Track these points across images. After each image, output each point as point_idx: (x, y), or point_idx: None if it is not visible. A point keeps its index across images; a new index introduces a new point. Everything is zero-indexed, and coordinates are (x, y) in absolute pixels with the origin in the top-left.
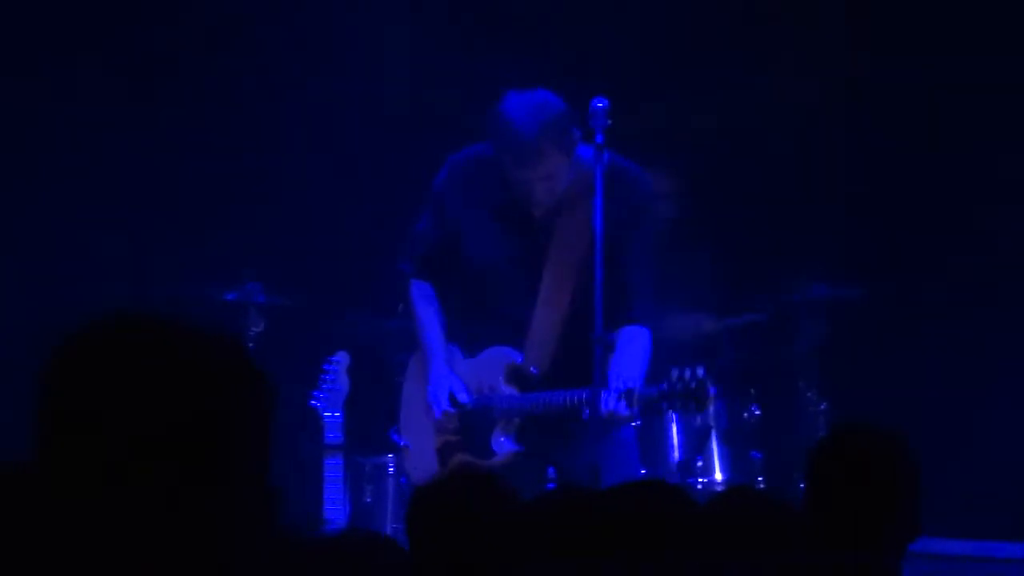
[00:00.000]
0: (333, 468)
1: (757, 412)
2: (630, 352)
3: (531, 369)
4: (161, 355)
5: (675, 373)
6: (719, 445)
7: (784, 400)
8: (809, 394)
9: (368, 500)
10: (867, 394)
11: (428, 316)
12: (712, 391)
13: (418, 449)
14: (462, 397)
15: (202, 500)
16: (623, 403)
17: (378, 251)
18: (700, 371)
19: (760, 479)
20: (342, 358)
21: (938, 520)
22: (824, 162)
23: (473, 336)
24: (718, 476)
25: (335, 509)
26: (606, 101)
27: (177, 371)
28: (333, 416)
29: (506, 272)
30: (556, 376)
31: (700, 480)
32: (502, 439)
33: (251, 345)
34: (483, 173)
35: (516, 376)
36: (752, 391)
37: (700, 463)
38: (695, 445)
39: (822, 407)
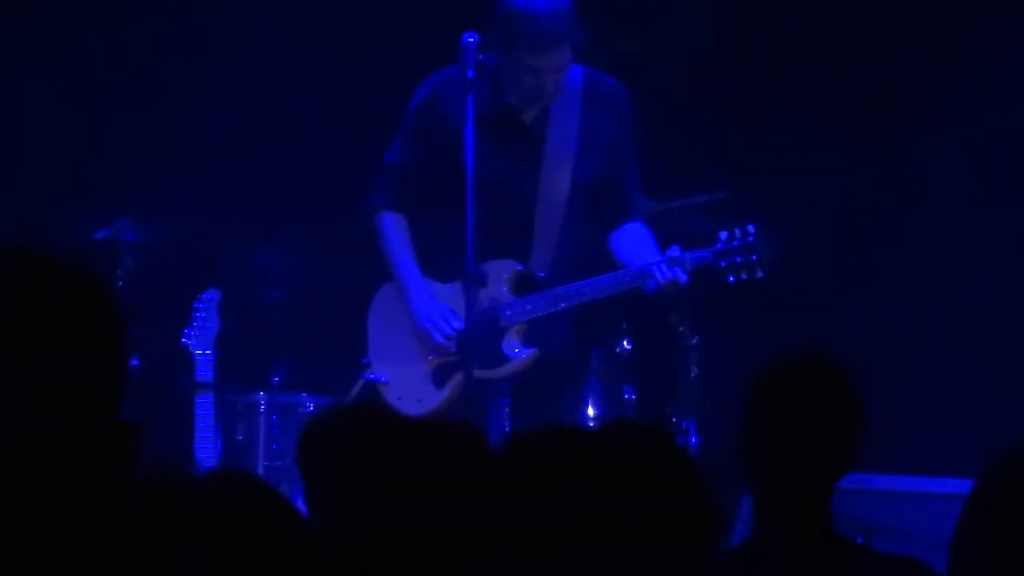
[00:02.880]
0: (204, 406)
1: (628, 347)
2: (645, 239)
3: (538, 273)
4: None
5: (724, 235)
6: (590, 379)
7: (655, 335)
8: (681, 328)
9: (240, 438)
10: (739, 328)
11: (402, 247)
12: (771, 245)
13: (402, 380)
14: (456, 323)
15: (41, 425)
16: (678, 269)
17: (252, 187)
18: (751, 227)
19: (632, 415)
20: (213, 295)
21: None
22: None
23: (455, 261)
24: (589, 411)
25: (206, 447)
26: (476, 35)
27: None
28: (204, 354)
29: (505, 178)
30: (559, 278)
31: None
32: (516, 346)
33: (121, 283)
34: (469, 87)
35: (521, 283)
36: (623, 325)
37: None
38: None
39: (694, 342)
